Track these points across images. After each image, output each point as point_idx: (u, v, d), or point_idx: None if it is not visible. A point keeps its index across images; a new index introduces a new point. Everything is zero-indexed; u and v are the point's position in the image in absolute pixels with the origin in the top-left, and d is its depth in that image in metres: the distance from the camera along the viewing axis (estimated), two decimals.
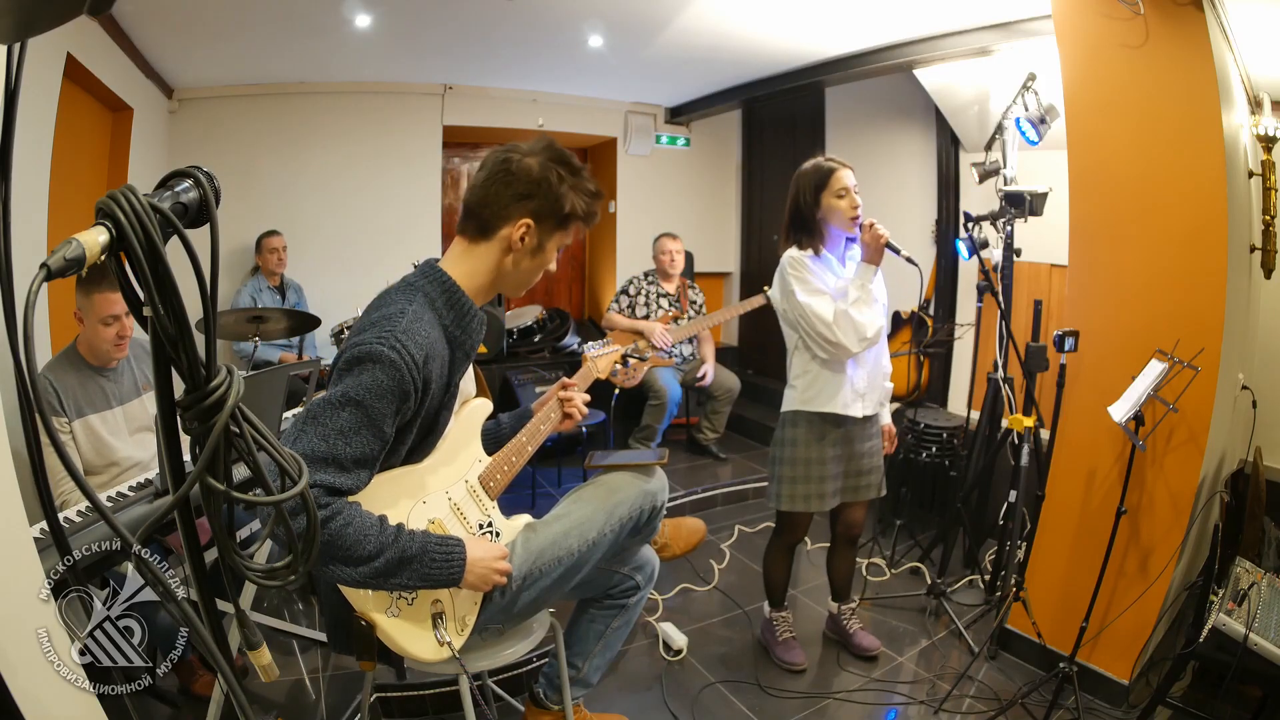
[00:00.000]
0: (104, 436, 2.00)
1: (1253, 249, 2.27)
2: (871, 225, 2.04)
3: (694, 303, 4.31)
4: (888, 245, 2.04)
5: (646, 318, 4.13)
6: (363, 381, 1.17)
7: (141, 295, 0.58)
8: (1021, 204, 2.70)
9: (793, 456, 2.16)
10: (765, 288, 3.89)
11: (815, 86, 4.39)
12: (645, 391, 3.94)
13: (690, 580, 2.85)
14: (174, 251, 0.57)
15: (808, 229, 2.11)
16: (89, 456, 1.98)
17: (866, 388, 2.16)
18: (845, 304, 2.03)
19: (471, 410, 1.51)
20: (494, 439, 1.60)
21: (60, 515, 1.16)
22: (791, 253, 2.12)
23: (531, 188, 1.33)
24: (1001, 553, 2.64)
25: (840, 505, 2.23)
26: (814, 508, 2.18)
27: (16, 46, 0.78)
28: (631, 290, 4.20)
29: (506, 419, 1.69)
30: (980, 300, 3.04)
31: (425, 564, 1.22)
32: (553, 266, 1.43)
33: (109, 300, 1.94)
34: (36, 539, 1.14)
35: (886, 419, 2.29)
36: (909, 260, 2.05)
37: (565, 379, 1.73)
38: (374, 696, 1.97)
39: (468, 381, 1.52)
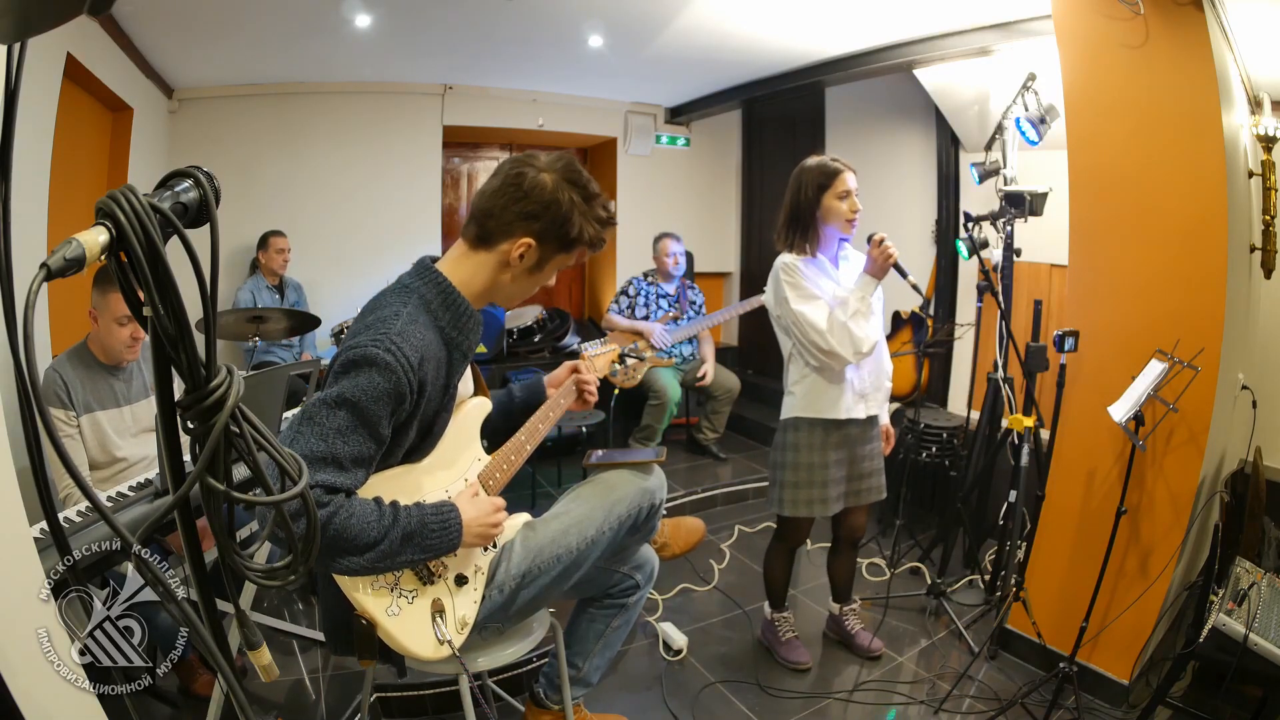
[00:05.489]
0: (110, 434, 2.00)
1: (1253, 249, 2.27)
2: (882, 241, 2.02)
3: (693, 303, 4.31)
4: (895, 266, 2.03)
5: (646, 318, 4.13)
6: (359, 384, 1.17)
7: (141, 295, 0.57)
8: (1021, 204, 2.70)
9: (794, 461, 2.14)
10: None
11: (815, 86, 4.39)
12: (645, 391, 3.94)
13: (690, 580, 2.85)
14: (174, 251, 0.57)
15: (803, 226, 2.09)
16: (94, 453, 1.98)
17: (868, 389, 2.15)
18: (844, 315, 2.01)
19: (470, 409, 1.51)
20: (504, 410, 1.60)
21: (60, 515, 1.16)
22: (784, 259, 2.09)
23: (540, 208, 1.31)
24: (1001, 553, 2.64)
25: (843, 510, 2.22)
26: (817, 512, 2.17)
27: (16, 46, 0.78)
28: (631, 291, 4.19)
29: (518, 388, 1.68)
30: (980, 300, 3.04)
31: (425, 536, 1.23)
32: (551, 281, 1.43)
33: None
34: (36, 539, 1.14)
35: (885, 419, 2.29)
36: (914, 286, 2.02)
37: (579, 361, 1.72)
38: (374, 696, 1.97)
39: (465, 382, 1.51)
